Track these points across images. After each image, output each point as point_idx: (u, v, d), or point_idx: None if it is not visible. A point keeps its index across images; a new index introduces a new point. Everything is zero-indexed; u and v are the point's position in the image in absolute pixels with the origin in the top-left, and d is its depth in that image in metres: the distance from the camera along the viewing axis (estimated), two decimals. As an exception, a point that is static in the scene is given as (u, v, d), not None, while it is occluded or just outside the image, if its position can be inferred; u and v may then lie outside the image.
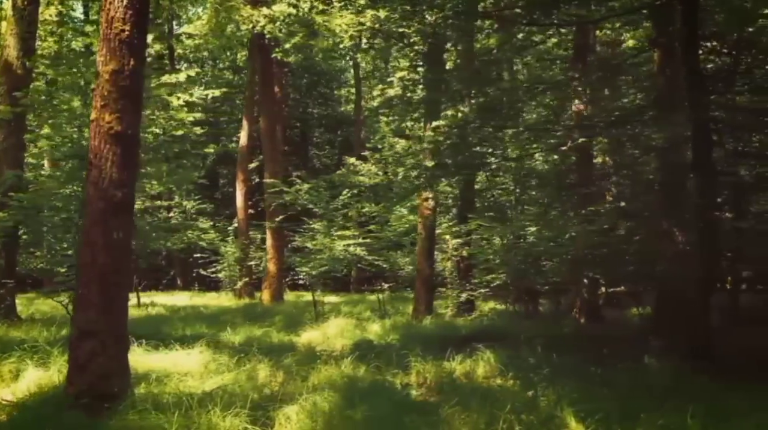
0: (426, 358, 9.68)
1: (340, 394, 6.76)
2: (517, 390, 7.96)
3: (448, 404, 6.71)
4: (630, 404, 6.42)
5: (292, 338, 13.37)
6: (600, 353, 9.84)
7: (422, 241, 15.45)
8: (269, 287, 21.74)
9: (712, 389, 7.22)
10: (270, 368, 9.12)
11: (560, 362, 9.18)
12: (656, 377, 7.96)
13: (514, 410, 6.21)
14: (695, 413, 5.69)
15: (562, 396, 7.08)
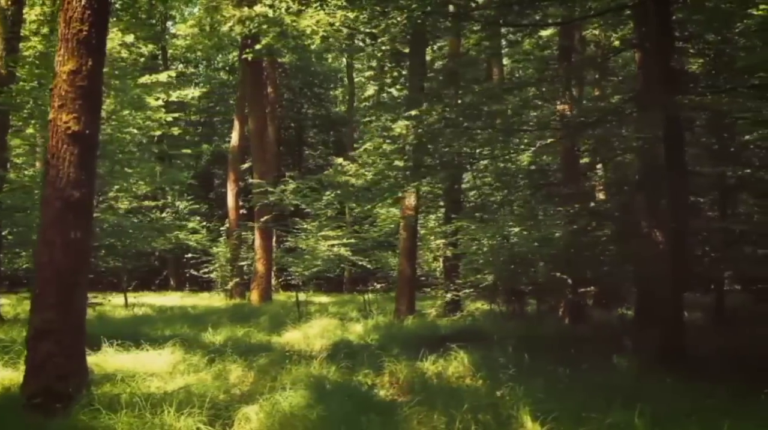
0: (399, 358, 9.70)
1: (302, 394, 6.77)
2: (484, 390, 7.97)
3: (409, 404, 6.73)
4: (587, 403, 6.42)
5: (272, 338, 13.38)
6: (572, 353, 9.85)
7: (404, 241, 15.46)
8: (258, 288, 21.75)
9: (673, 388, 7.24)
10: (242, 368, 9.16)
11: (530, 362, 9.19)
12: (620, 377, 7.96)
13: (472, 410, 6.22)
14: (643, 412, 5.70)
15: (524, 396, 7.11)
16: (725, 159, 11.18)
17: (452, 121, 10.49)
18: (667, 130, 9.81)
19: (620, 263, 12.96)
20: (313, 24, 12.40)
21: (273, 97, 34.10)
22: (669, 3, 9.94)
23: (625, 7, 10.35)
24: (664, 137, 10.00)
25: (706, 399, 6.61)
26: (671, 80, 9.22)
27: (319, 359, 9.12)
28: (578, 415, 5.99)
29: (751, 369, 8.44)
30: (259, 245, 21.64)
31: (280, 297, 27.47)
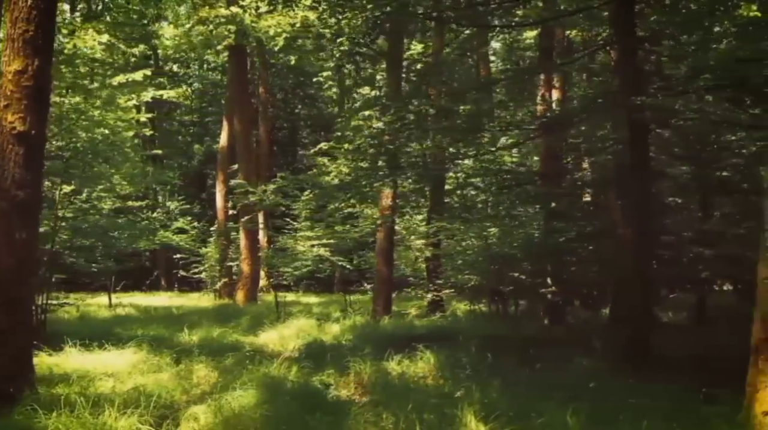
0: (365, 358, 9.71)
1: (252, 394, 6.78)
2: (441, 390, 7.98)
3: (359, 404, 6.74)
4: (536, 403, 6.42)
5: (248, 338, 13.39)
6: (538, 353, 9.86)
7: (380, 241, 15.46)
8: (243, 288, 21.74)
9: (626, 388, 7.23)
10: (208, 368, 9.16)
11: (493, 362, 9.21)
12: (577, 377, 7.96)
13: (418, 409, 6.24)
14: (578, 411, 5.72)
15: (480, 395, 7.15)
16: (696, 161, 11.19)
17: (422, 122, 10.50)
18: (632, 131, 9.82)
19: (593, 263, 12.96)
20: (274, 25, 12.39)
21: (265, 97, 34.11)
22: (633, 3, 9.95)
23: (592, 8, 10.35)
24: (629, 138, 10.02)
25: (655, 399, 6.61)
26: (634, 80, 9.22)
27: (281, 359, 9.10)
28: (521, 414, 5.99)
29: (713, 370, 8.45)
30: (245, 246, 21.64)
31: (268, 297, 27.54)
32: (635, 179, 9.91)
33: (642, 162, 9.71)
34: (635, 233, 9.87)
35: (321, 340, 12.75)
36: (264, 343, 12.93)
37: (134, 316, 17.86)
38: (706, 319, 14.92)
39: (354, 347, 11.72)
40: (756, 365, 5.53)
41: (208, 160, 39.37)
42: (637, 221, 9.81)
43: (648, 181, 9.69)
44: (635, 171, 9.80)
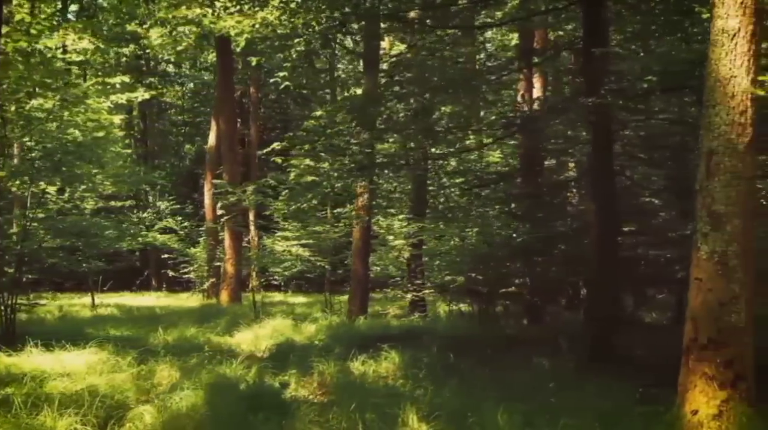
0: (330, 358, 9.77)
1: (198, 393, 6.82)
2: (399, 390, 8.02)
3: (308, 403, 6.79)
4: (480, 403, 6.45)
5: (223, 338, 13.43)
6: (502, 353, 9.90)
7: (356, 241, 15.49)
8: (227, 288, 21.79)
9: (577, 388, 7.27)
10: (171, 368, 9.20)
11: (454, 362, 9.25)
12: (532, 377, 8.01)
13: (365, 408, 6.30)
14: (510, 411, 5.77)
15: (430, 395, 7.22)
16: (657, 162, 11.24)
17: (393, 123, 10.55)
18: (594, 132, 9.87)
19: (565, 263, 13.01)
20: (232, 26, 12.42)
21: (255, 96, 34.17)
22: (599, 4, 9.98)
23: (558, 9, 10.39)
24: (592, 139, 10.07)
25: (603, 399, 6.65)
26: (594, 82, 9.24)
27: (240, 359, 9.14)
28: (463, 413, 6.04)
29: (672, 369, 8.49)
30: (229, 246, 21.69)
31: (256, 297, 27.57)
32: (598, 180, 9.96)
33: (605, 163, 9.75)
34: (600, 232, 9.91)
35: (293, 340, 12.80)
36: (237, 343, 12.96)
37: (115, 316, 17.91)
38: (683, 319, 14.97)
39: (325, 347, 11.76)
40: (687, 365, 5.58)
41: (200, 160, 39.41)
42: (601, 221, 9.86)
43: (611, 182, 9.71)
44: (598, 172, 9.85)
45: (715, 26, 5.70)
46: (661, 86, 7.44)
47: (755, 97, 5.51)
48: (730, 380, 5.35)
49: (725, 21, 5.62)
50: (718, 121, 5.60)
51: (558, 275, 13.60)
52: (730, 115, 5.55)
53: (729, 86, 5.57)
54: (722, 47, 5.63)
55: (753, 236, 5.60)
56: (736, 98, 5.54)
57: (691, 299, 5.60)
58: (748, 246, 5.51)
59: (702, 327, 5.49)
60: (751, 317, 5.48)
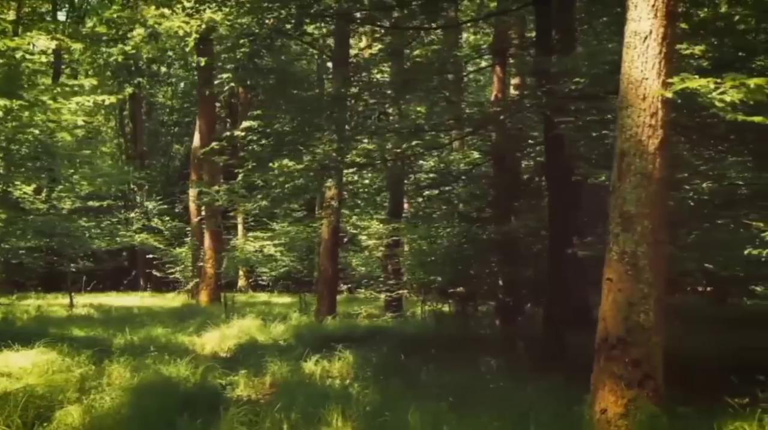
0: (283, 358, 9.84)
1: (125, 393, 6.89)
2: (340, 390, 8.08)
3: (239, 403, 6.85)
4: (410, 403, 6.51)
5: (190, 338, 13.49)
6: (454, 352, 9.94)
7: (325, 240, 15.54)
8: (206, 288, 21.85)
9: (513, 389, 7.33)
10: (122, 368, 9.24)
11: (403, 362, 9.30)
12: (466, 377, 8.07)
13: (285, 408, 6.36)
14: (421, 410, 5.84)
15: (369, 395, 7.29)
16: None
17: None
18: (547, 132, 9.91)
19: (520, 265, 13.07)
20: (180, 25, 12.41)
21: (245, 97, 34.18)
22: (549, 5, 10.04)
23: (509, 11, 10.45)
24: (545, 139, 10.11)
25: (531, 399, 6.70)
26: (542, 83, 9.30)
27: (191, 358, 9.19)
28: (377, 413, 6.11)
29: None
30: (208, 246, 21.75)
31: (240, 297, 27.65)
32: (551, 180, 10.01)
33: (557, 165, 9.79)
34: (554, 232, 9.96)
35: (257, 340, 12.87)
36: (202, 343, 13.04)
37: (91, 316, 17.95)
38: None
39: (287, 347, 11.85)
40: (598, 364, 5.62)
41: (189, 161, 39.45)
42: (555, 221, 9.91)
43: (564, 182, 9.74)
44: (550, 172, 9.90)
45: (628, 29, 5.75)
46: (586, 88, 7.49)
47: (666, 99, 5.55)
48: (638, 379, 5.40)
49: (638, 23, 5.67)
50: (629, 123, 5.65)
51: (527, 275, 13.64)
52: (641, 117, 5.59)
53: (640, 88, 5.61)
54: (635, 49, 5.67)
55: (663, 236, 5.65)
56: (647, 100, 5.59)
57: (603, 299, 5.65)
58: (657, 247, 5.55)
59: (611, 327, 5.54)
60: (660, 317, 5.53)
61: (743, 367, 7.89)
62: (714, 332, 12.02)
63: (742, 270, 6.98)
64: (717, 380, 7.58)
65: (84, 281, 26.30)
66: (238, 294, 29.66)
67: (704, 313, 14.71)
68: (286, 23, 9.64)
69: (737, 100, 5.17)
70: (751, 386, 6.88)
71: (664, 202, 5.63)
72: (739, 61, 7.81)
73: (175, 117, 41.47)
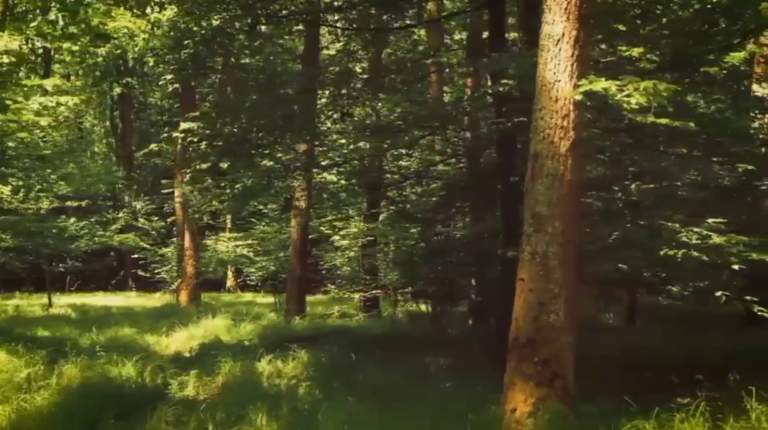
0: (237, 358, 9.89)
1: (57, 393, 6.97)
2: (282, 390, 8.16)
3: (169, 403, 6.91)
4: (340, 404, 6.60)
5: (157, 339, 13.59)
6: (406, 352, 9.99)
7: (294, 240, 15.60)
8: (186, 288, 21.88)
9: (441, 389, 7.38)
10: (73, 368, 9.29)
11: (352, 362, 9.35)
12: (414, 377, 8.14)
13: (209, 409, 6.43)
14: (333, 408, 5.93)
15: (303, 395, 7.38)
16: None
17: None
18: (500, 134, 9.95)
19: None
20: (123, 26, 12.45)
21: (234, 97, 34.22)
22: (503, 6, 10.09)
23: (463, 12, 10.51)
24: (497, 140, 10.17)
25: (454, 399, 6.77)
26: (495, 84, 9.34)
27: (136, 358, 9.23)
28: (302, 412, 6.18)
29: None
30: (188, 246, 21.79)
31: (225, 297, 27.73)
32: (502, 181, 10.06)
33: (506, 165, 9.84)
34: (505, 232, 10.00)
35: (222, 340, 12.93)
36: (168, 343, 13.14)
37: (67, 316, 18.03)
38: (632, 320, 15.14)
39: (250, 347, 11.91)
40: (510, 364, 5.67)
41: (181, 161, 39.53)
42: (505, 222, 9.96)
43: (508, 183, 9.79)
44: (499, 173, 9.95)
45: (542, 32, 5.80)
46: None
47: (578, 101, 5.60)
48: (547, 378, 5.45)
49: (551, 26, 5.72)
50: (542, 125, 5.71)
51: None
52: (553, 118, 5.65)
53: (553, 90, 5.66)
54: (548, 52, 5.73)
55: (574, 237, 5.70)
56: (559, 102, 5.64)
57: (515, 299, 5.70)
58: (568, 247, 5.61)
59: (522, 327, 5.59)
60: (571, 317, 5.58)
61: (690, 366, 8.03)
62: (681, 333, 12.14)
63: (663, 271, 7.03)
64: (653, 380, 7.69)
65: (69, 280, 26.46)
66: (224, 294, 29.86)
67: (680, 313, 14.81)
68: (237, 23, 9.69)
69: (643, 102, 5.24)
70: (692, 386, 7.06)
71: (576, 204, 5.69)
72: (684, 62, 7.86)
73: (165, 117, 41.49)
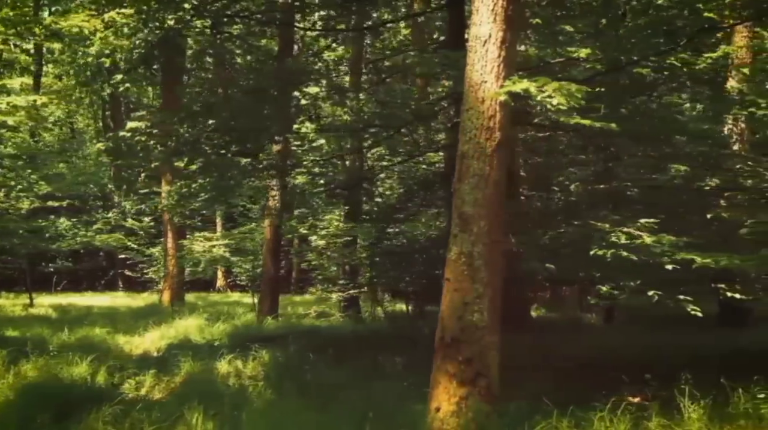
0: (196, 358, 9.94)
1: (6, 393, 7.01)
2: (235, 389, 8.20)
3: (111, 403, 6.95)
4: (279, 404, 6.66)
5: (127, 338, 13.60)
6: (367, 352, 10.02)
7: (268, 241, 15.63)
8: (169, 288, 21.90)
9: (383, 387, 7.41)
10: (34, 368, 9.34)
11: (309, 362, 9.39)
12: (353, 376, 8.17)
13: (146, 408, 6.48)
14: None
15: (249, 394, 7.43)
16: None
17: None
18: (452, 136, 9.97)
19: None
20: (75, 25, 12.43)
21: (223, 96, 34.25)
22: (462, 6, 10.13)
23: (425, 13, 10.55)
24: (450, 141, 10.19)
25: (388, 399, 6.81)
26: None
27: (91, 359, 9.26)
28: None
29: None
30: (171, 246, 21.81)
31: (214, 297, 27.78)
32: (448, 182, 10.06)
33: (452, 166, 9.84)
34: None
35: (191, 340, 12.97)
36: (138, 343, 13.15)
37: (46, 316, 18.05)
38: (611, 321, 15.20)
39: (218, 347, 11.93)
40: (436, 363, 5.71)
41: (171, 161, 39.50)
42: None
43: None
44: (446, 173, 9.98)
45: (470, 33, 5.84)
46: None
47: (504, 102, 5.63)
48: (470, 377, 5.48)
49: (479, 28, 5.76)
50: (469, 125, 5.75)
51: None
52: (480, 119, 5.68)
53: (480, 91, 5.70)
54: (475, 53, 5.76)
55: (500, 237, 5.73)
56: (485, 103, 5.67)
57: (442, 299, 5.74)
58: (494, 247, 5.64)
59: (447, 326, 5.63)
60: (496, 316, 5.61)
61: (647, 366, 8.08)
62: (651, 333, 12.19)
63: (596, 270, 7.06)
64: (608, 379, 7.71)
65: (55, 280, 26.49)
66: (213, 294, 29.93)
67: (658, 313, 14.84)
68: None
69: (564, 102, 5.27)
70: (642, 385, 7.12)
71: (501, 204, 5.72)
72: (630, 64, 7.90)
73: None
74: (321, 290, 17.67)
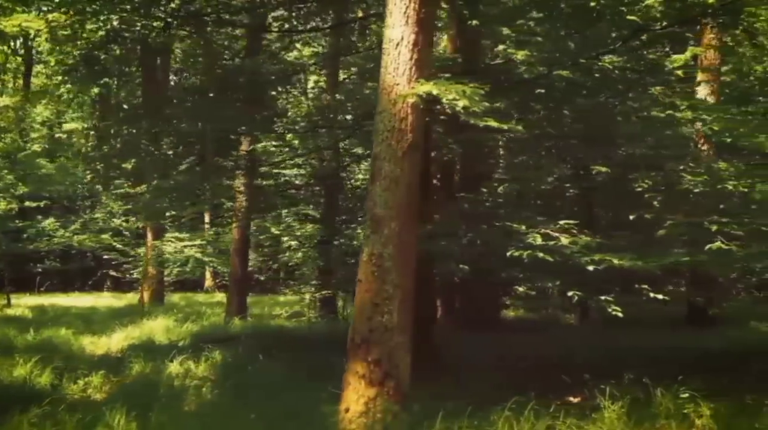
0: (147, 359, 9.97)
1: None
2: (176, 389, 8.24)
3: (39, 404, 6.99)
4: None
5: (93, 339, 13.63)
6: (320, 353, 10.04)
7: (235, 241, 15.66)
8: (149, 289, 21.93)
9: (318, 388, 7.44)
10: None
11: (254, 363, 9.42)
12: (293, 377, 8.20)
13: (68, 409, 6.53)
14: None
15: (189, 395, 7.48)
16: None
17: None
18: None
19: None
20: (18, 25, 12.44)
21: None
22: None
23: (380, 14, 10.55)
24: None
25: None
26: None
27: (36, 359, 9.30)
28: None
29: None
30: (150, 247, 21.83)
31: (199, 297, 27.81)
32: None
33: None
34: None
35: (155, 341, 12.99)
36: (102, 344, 13.17)
37: (22, 317, 18.10)
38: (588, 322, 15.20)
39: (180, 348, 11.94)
40: (348, 364, 5.74)
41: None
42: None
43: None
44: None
45: (384, 36, 5.87)
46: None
47: (416, 104, 5.66)
48: (379, 378, 5.51)
49: (392, 30, 5.79)
50: (381, 127, 5.78)
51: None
52: (391, 121, 5.71)
53: (392, 93, 5.73)
54: (388, 56, 5.80)
55: (412, 239, 5.76)
56: (397, 105, 5.70)
57: (354, 300, 5.76)
58: (404, 248, 5.67)
59: (358, 327, 5.66)
60: (407, 317, 5.64)
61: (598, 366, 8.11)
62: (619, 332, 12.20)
63: (517, 271, 7.09)
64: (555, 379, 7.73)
65: (38, 281, 26.57)
66: (199, 294, 29.96)
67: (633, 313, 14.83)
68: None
69: (468, 104, 5.30)
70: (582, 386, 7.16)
71: (413, 205, 5.74)
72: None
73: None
74: (293, 292, 17.63)
